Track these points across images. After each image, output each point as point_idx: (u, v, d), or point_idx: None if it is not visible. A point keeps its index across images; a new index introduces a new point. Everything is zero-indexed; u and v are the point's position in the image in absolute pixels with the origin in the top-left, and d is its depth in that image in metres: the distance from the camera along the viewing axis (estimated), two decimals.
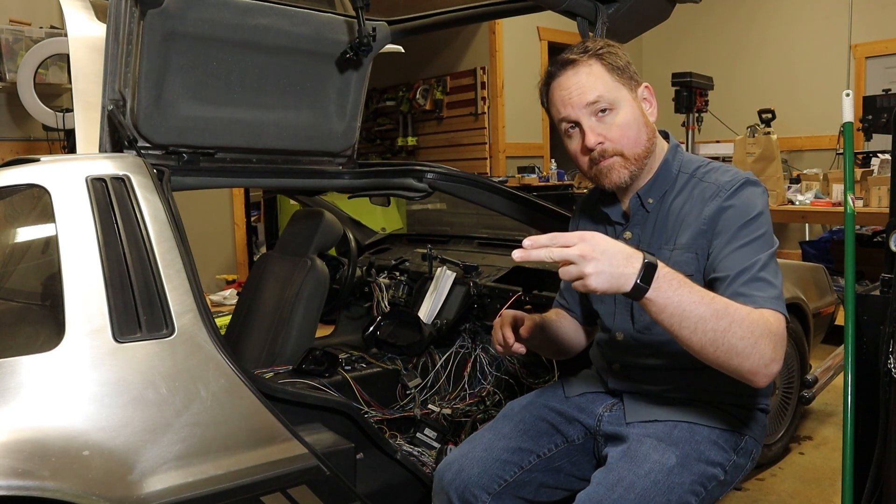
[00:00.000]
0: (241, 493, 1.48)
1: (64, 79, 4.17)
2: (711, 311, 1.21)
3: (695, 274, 1.41)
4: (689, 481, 1.39)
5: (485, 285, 2.54)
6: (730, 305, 1.24)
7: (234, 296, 4.64)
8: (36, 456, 1.29)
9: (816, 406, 3.21)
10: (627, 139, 1.45)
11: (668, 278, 1.19)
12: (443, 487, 1.54)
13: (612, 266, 1.15)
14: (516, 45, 6.92)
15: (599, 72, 1.45)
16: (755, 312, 1.26)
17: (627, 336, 1.56)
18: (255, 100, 2.10)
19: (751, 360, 1.23)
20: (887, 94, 4.26)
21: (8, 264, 1.65)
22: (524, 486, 1.54)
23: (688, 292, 1.20)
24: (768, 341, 1.24)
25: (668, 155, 1.52)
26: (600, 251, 1.14)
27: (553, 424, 1.60)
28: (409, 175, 2.34)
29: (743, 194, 1.41)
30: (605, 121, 1.45)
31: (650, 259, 1.18)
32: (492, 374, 2.40)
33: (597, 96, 1.43)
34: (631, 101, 1.46)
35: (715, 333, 1.21)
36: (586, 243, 1.14)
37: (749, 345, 1.23)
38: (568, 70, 1.47)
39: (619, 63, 1.46)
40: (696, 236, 1.43)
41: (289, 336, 2.42)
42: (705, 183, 1.46)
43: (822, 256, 5.15)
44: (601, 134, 1.44)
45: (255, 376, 1.62)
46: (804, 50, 6.53)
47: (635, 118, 1.46)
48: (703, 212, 1.43)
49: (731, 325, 1.21)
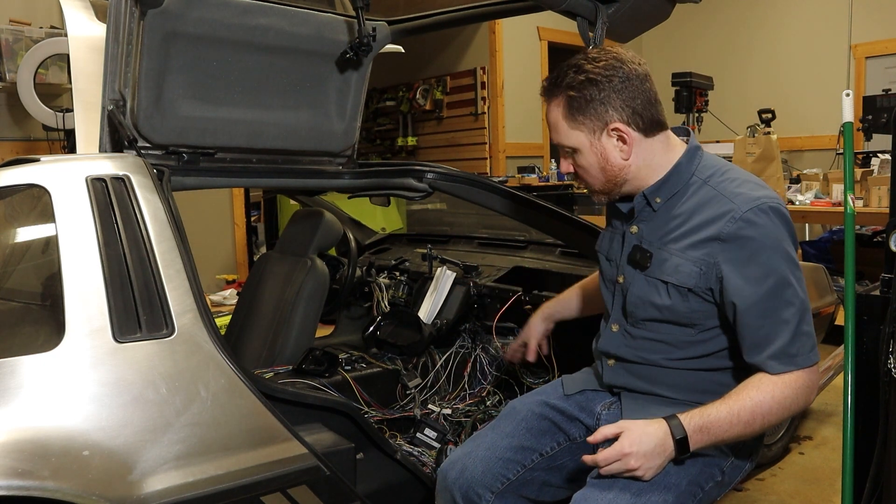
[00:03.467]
0: (241, 493, 1.48)
1: (64, 79, 4.16)
2: (742, 424, 1.35)
3: (693, 288, 1.42)
4: (686, 482, 1.39)
5: (485, 285, 2.54)
6: (756, 406, 1.35)
7: (234, 296, 4.64)
8: (36, 456, 1.29)
9: (816, 406, 3.21)
10: (589, 177, 1.52)
11: (698, 433, 1.34)
12: (447, 486, 1.55)
13: (653, 460, 1.33)
14: (516, 45, 6.92)
15: (560, 115, 1.47)
16: (779, 387, 1.36)
17: (621, 328, 1.57)
18: (255, 100, 2.10)
19: (790, 416, 1.45)
20: (887, 94, 4.26)
21: (8, 264, 1.65)
22: (527, 484, 1.55)
23: (718, 429, 1.34)
24: (800, 399, 1.38)
25: (682, 158, 1.48)
26: (641, 455, 1.32)
27: (555, 423, 1.61)
28: (409, 175, 2.34)
29: (757, 224, 1.38)
30: (569, 159, 1.53)
31: (675, 429, 1.33)
32: (492, 374, 2.40)
33: (558, 141, 1.51)
34: (588, 146, 1.46)
35: (753, 432, 1.37)
36: (630, 457, 1.32)
37: (784, 415, 1.38)
38: (545, 102, 1.51)
39: (582, 104, 1.43)
40: (704, 255, 1.41)
41: (289, 336, 2.42)
42: (719, 195, 1.43)
43: (822, 256, 5.15)
44: (570, 165, 1.54)
45: (255, 376, 1.62)
46: (804, 50, 6.53)
47: (591, 163, 1.49)
48: (713, 231, 1.40)
49: (764, 418, 1.36)
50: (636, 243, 1.52)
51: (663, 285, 1.46)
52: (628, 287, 1.53)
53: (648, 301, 1.49)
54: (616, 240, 1.60)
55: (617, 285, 1.57)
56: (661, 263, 1.47)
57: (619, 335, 1.57)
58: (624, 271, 1.55)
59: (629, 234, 1.55)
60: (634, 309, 1.52)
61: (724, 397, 1.37)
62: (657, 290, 1.47)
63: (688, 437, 1.33)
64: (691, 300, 1.44)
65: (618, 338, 1.57)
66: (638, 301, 1.51)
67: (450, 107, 7.28)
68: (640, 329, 1.53)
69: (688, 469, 1.40)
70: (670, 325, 1.48)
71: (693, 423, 1.33)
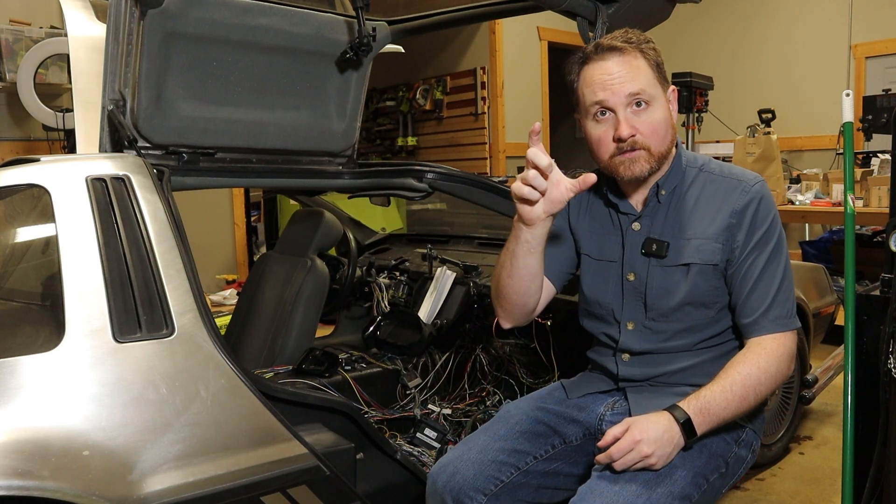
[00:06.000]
0: (241, 493, 1.48)
1: (64, 79, 4.16)
2: (738, 399, 1.41)
3: (719, 264, 1.48)
4: (692, 473, 1.40)
5: (485, 285, 2.53)
6: (745, 379, 1.42)
7: (234, 296, 4.64)
8: (36, 456, 1.29)
9: (816, 406, 3.21)
10: (657, 136, 1.47)
11: (699, 415, 1.39)
12: (436, 490, 1.52)
13: (663, 447, 1.36)
14: (516, 45, 6.92)
15: (643, 65, 1.46)
16: (762, 357, 1.44)
17: (638, 325, 1.57)
18: (255, 100, 2.10)
19: (778, 384, 1.48)
20: (887, 94, 4.25)
21: (8, 264, 1.65)
22: (521, 487, 1.53)
23: (717, 407, 1.40)
24: (783, 364, 1.46)
25: (679, 150, 1.57)
26: (652, 442, 1.35)
27: (550, 426, 1.59)
28: (409, 175, 2.34)
29: (764, 196, 1.50)
30: (640, 115, 1.46)
31: (678, 414, 1.38)
32: (492, 374, 2.40)
33: (640, 88, 1.45)
34: (664, 100, 1.49)
35: (749, 405, 1.44)
36: (642, 443, 1.35)
37: (772, 383, 1.45)
38: (614, 56, 1.46)
39: (659, 61, 1.49)
40: (724, 229, 1.48)
41: (289, 336, 2.42)
42: (720, 177, 1.53)
43: (822, 256, 5.14)
44: (635, 126, 1.46)
45: (255, 376, 1.62)
46: (804, 50, 6.53)
47: (665, 118, 1.48)
48: (731, 205, 1.48)
49: (756, 389, 1.42)
50: (647, 236, 1.53)
51: (684, 269, 1.50)
52: (645, 281, 1.53)
53: (671, 289, 1.50)
54: (611, 240, 1.59)
55: (628, 284, 1.56)
56: (679, 249, 1.50)
57: (635, 332, 1.57)
58: (634, 268, 1.55)
59: (631, 231, 1.55)
60: (657, 301, 1.52)
61: (714, 379, 1.43)
62: (679, 276, 1.50)
63: (691, 419, 1.37)
64: (713, 278, 1.50)
65: (635, 334, 1.57)
66: (661, 292, 1.52)
67: (450, 107, 7.28)
68: (661, 322, 1.54)
69: (693, 461, 1.41)
70: (692, 308, 1.51)
71: (692, 407, 1.39)
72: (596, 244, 1.62)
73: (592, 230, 1.63)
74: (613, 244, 1.59)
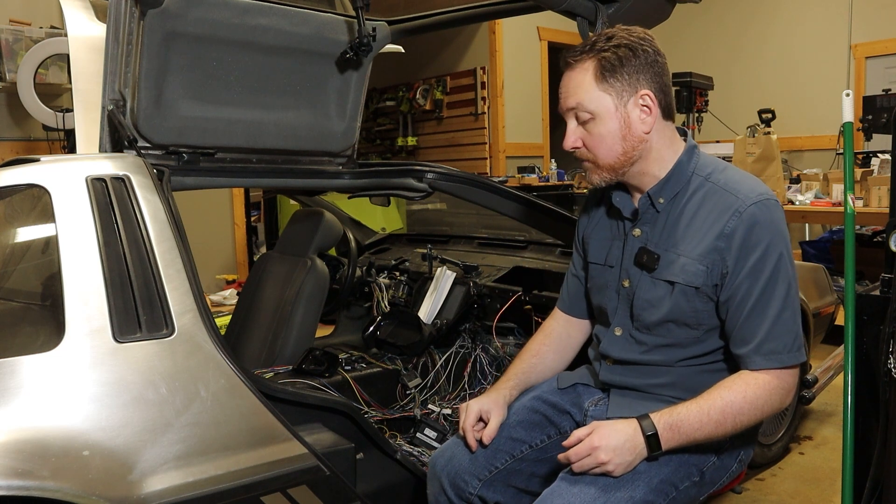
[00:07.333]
0: (241, 493, 1.48)
1: (64, 79, 4.16)
2: (713, 423, 1.36)
3: (701, 287, 1.43)
4: (657, 480, 1.39)
5: (485, 285, 2.54)
6: (727, 405, 1.37)
7: (234, 296, 4.64)
8: (36, 456, 1.29)
9: (816, 406, 3.21)
10: (601, 148, 1.47)
11: (668, 430, 1.35)
12: (435, 474, 1.58)
13: (622, 455, 1.34)
14: (516, 45, 6.93)
15: (588, 78, 1.44)
16: (751, 387, 1.38)
17: (626, 332, 1.56)
18: (255, 100, 2.10)
19: (764, 418, 1.41)
20: (887, 94, 4.25)
21: (8, 264, 1.65)
22: (515, 474, 1.56)
23: (689, 427, 1.36)
24: (773, 400, 1.39)
25: (683, 156, 1.50)
26: (610, 449, 1.34)
27: (546, 416, 1.62)
28: (409, 175, 2.34)
29: (759, 220, 1.40)
30: (585, 127, 1.48)
31: (645, 426, 1.35)
32: (492, 374, 2.40)
33: (576, 103, 1.46)
34: (613, 111, 1.44)
35: (725, 432, 1.38)
36: (600, 450, 1.34)
37: (757, 415, 1.39)
38: (566, 69, 1.49)
39: (616, 66, 1.42)
40: (709, 251, 1.42)
41: (289, 336, 2.42)
42: (721, 190, 1.44)
43: (822, 256, 5.14)
44: (579, 138, 1.49)
45: (255, 376, 1.62)
46: (804, 50, 6.53)
47: (611, 131, 1.45)
48: (720, 227, 1.41)
49: (735, 418, 1.37)
50: (642, 245, 1.51)
51: (669, 286, 1.46)
52: (635, 290, 1.52)
53: (655, 303, 1.48)
54: (615, 245, 1.59)
55: (622, 290, 1.56)
56: (669, 265, 1.46)
57: (622, 339, 1.57)
58: (629, 275, 1.54)
59: (632, 237, 1.54)
60: (641, 312, 1.51)
61: (697, 397, 1.39)
62: (664, 291, 1.47)
63: (658, 434, 1.35)
64: (696, 301, 1.44)
65: (621, 341, 1.57)
66: (645, 304, 1.50)
67: (450, 107, 7.28)
68: (644, 334, 1.52)
69: (661, 468, 1.40)
70: (675, 325, 1.48)
71: (663, 421, 1.36)
72: (603, 251, 1.62)
73: (601, 239, 1.64)
74: (616, 249, 1.59)
